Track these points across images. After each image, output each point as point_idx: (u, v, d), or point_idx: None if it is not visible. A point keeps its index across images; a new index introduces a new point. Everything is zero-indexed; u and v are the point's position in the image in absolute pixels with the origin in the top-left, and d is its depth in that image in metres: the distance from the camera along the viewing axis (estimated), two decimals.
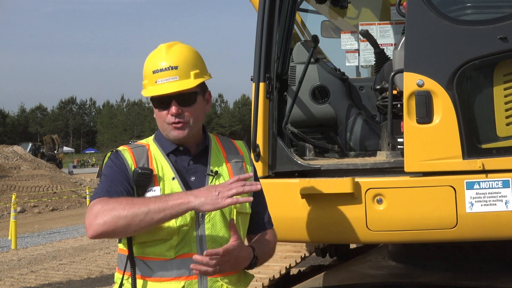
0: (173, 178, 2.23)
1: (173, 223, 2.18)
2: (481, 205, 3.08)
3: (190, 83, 2.23)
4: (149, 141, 2.36)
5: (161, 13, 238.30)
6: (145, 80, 2.29)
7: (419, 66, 3.18)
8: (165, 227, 2.17)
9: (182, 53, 2.28)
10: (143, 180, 2.18)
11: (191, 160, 2.31)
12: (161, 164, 2.26)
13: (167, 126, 2.25)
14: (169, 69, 2.22)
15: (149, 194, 2.19)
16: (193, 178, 2.28)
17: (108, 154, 2.30)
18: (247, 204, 2.34)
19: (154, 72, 2.24)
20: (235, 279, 2.29)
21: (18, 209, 14.15)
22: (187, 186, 2.25)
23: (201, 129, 2.37)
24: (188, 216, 2.20)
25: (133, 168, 2.21)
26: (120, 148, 2.31)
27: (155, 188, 2.20)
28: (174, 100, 2.21)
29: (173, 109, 2.21)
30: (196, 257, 2.07)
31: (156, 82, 2.23)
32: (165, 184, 2.22)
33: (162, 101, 2.23)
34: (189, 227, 2.20)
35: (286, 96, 3.99)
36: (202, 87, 2.33)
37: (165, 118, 2.24)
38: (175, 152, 2.30)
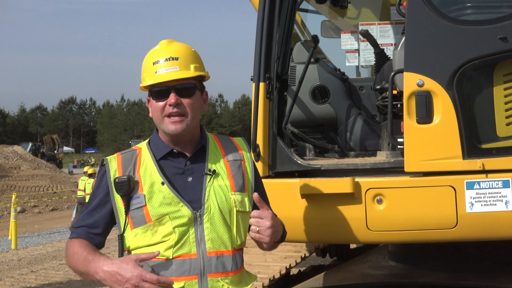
0: (162, 183, 2.23)
1: (168, 225, 2.19)
2: (481, 205, 3.08)
3: (190, 73, 2.26)
4: (143, 145, 2.36)
5: (161, 13, 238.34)
6: (144, 73, 2.30)
7: (419, 66, 3.18)
8: (159, 230, 2.19)
9: (183, 48, 2.32)
10: (121, 188, 2.21)
11: (188, 161, 2.30)
12: (149, 170, 2.26)
13: (164, 119, 2.25)
14: (169, 60, 2.25)
15: (134, 201, 2.22)
16: (190, 179, 2.28)
17: (103, 163, 2.33)
18: (247, 202, 2.34)
19: (154, 63, 2.26)
20: (237, 279, 2.29)
21: (18, 209, 14.15)
22: (183, 188, 2.25)
23: (198, 128, 2.37)
24: (185, 217, 2.20)
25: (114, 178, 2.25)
26: (109, 157, 2.34)
27: (139, 194, 2.22)
28: (173, 90, 2.23)
29: (172, 97, 2.22)
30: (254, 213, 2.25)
31: (156, 72, 2.25)
32: (154, 190, 2.22)
33: (161, 92, 2.24)
34: (187, 228, 2.21)
35: (286, 96, 3.98)
36: (201, 84, 2.34)
37: (162, 109, 2.24)
38: (170, 154, 2.31)
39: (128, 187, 2.21)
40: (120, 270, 2.06)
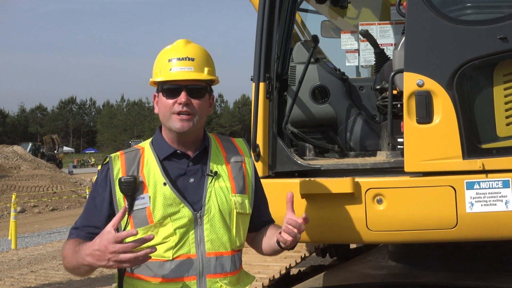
0: (164, 184, 2.23)
1: (169, 226, 2.19)
2: (481, 205, 3.08)
3: (204, 75, 2.27)
4: (146, 145, 2.36)
5: (161, 13, 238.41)
6: (157, 69, 2.30)
7: (419, 66, 3.18)
8: (160, 232, 2.18)
9: (199, 50, 2.33)
10: (127, 188, 2.19)
11: (191, 162, 2.30)
12: (153, 170, 2.25)
13: (172, 116, 2.25)
14: (186, 59, 2.26)
15: (138, 202, 2.20)
16: (192, 180, 2.28)
17: (106, 160, 2.32)
18: (247, 204, 2.34)
19: (170, 60, 2.27)
20: (235, 279, 2.29)
21: (18, 209, 14.14)
22: (185, 189, 2.25)
23: (202, 130, 2.37)
24: (185, 218, 2.20)
25: (119, 177, 2.23)
26: (113, 155, 2.33)
27: (144, 195, 2.21)
28: (184, 89, 2.24)
29: (183, 96, 2.23)
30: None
31: (170, 69, 2.26)
32: (157, 190, 2.22)
33: (172, 90, 2.25)
34: (187, 229, 2.20)
35: (286, 96, 3.98)
36: (210, 88, 2.36)
37: (171, 107, 2.24)
38: (174, 155, 2.30)
39: (134, 188, 2.20)
40: (97, 245, 2.02)
